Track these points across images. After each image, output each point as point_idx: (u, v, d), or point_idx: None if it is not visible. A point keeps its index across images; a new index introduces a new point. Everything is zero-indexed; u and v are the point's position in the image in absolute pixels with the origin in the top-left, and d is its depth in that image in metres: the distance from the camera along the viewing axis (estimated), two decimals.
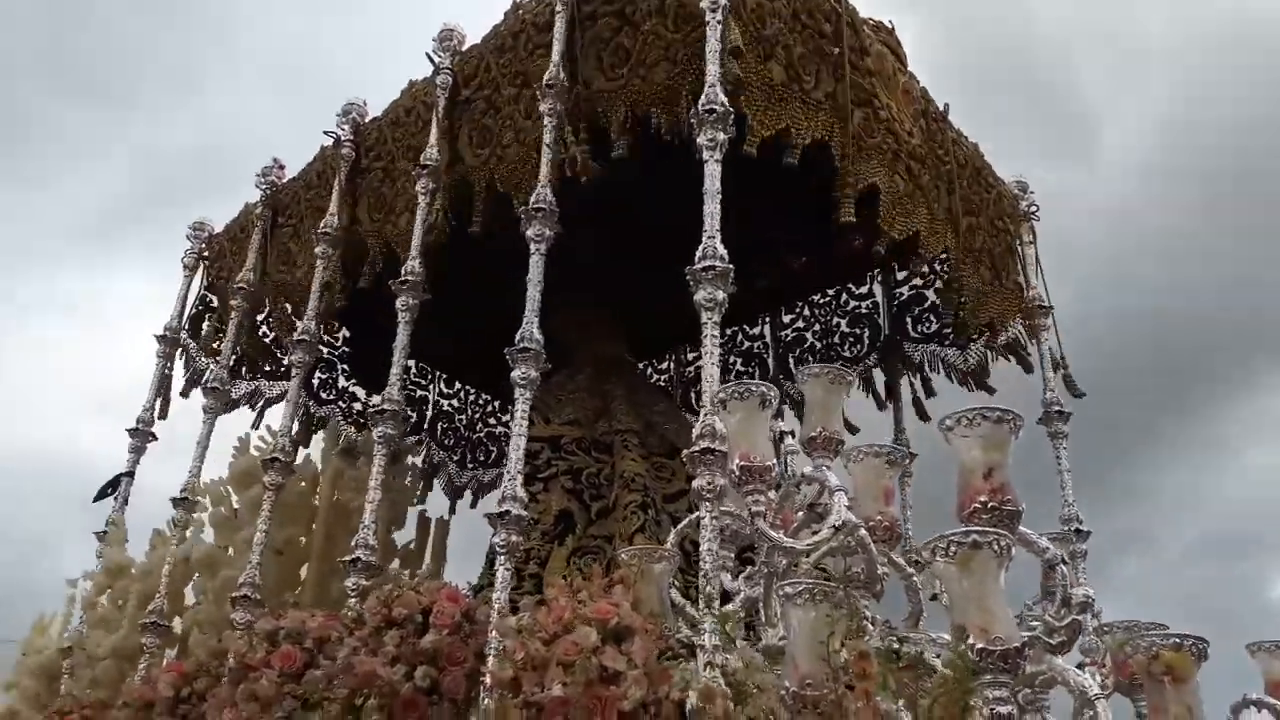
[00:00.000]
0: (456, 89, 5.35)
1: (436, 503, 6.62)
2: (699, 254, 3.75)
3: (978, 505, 2.69)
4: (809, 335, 6.94)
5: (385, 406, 4.56)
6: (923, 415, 6.41)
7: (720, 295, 3.66)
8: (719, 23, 4.16)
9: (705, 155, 3.96)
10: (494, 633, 3.36)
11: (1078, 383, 5.89)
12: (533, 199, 4.44)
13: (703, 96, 4.03)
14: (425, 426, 7.59)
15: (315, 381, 7.03)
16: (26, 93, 19.56)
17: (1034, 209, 6.17)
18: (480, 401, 7.90)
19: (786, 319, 7.06)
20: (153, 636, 4.77)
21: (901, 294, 6.55)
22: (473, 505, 7.29)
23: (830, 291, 6.85)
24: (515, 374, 4.07)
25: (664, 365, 7.64)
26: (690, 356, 7.46)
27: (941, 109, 5.68)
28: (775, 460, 3.13)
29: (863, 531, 3.03)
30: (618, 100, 4.62)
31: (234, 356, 6.18)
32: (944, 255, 5.45)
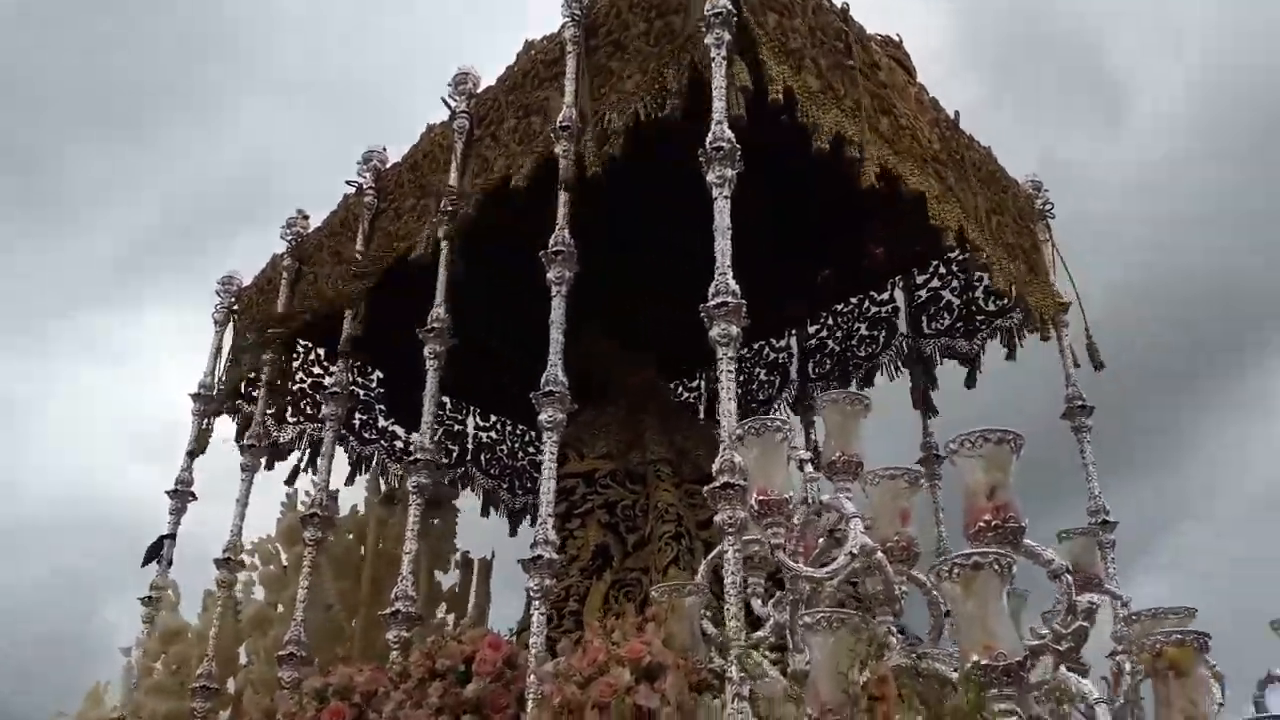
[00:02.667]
0: (472, 131, 5.62)
1: (484, 536, 6.85)
2: (711, 290, 3.91)
3: (982, 524, 2.86)
4: (830, 342, 7.16)
5: (418, 456, 4.79)
6: (929, 409, 6.60)
7: (735, 330, 3.83)
8: (724, 59, 4.30)
9: (714, 193, 4.10)
10: (533, 678, 3.57)
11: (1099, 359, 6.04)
12: (551, 242, 4.65)
13: (709, 134, 4.19)
14: (469, 458, 7.87)
15: (357, 423, 7.36)
16: (48, 130, 19.72)
17: (1049, 207, 6.35)
18: (517, 431, 8.16)
19: (812, 329, 7.27)
20: (202, 700, 5.01)
21: (920, 296, 6.75)
22: (512, 533, 7.57)
23: (854, 300, 7.05)
24: (542, 417, 4.28)
25: (695, 384, 7.85)
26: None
27: (952, 116, 5.89)
28: (794, 491, 3.32)
29: (879, 555, 3.21)
30: (599, 117, 4.80)
31: (271, 406, 6.54)
32: (975, 253, 5.58)
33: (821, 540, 3.48)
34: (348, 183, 6.20)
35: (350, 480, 6.99)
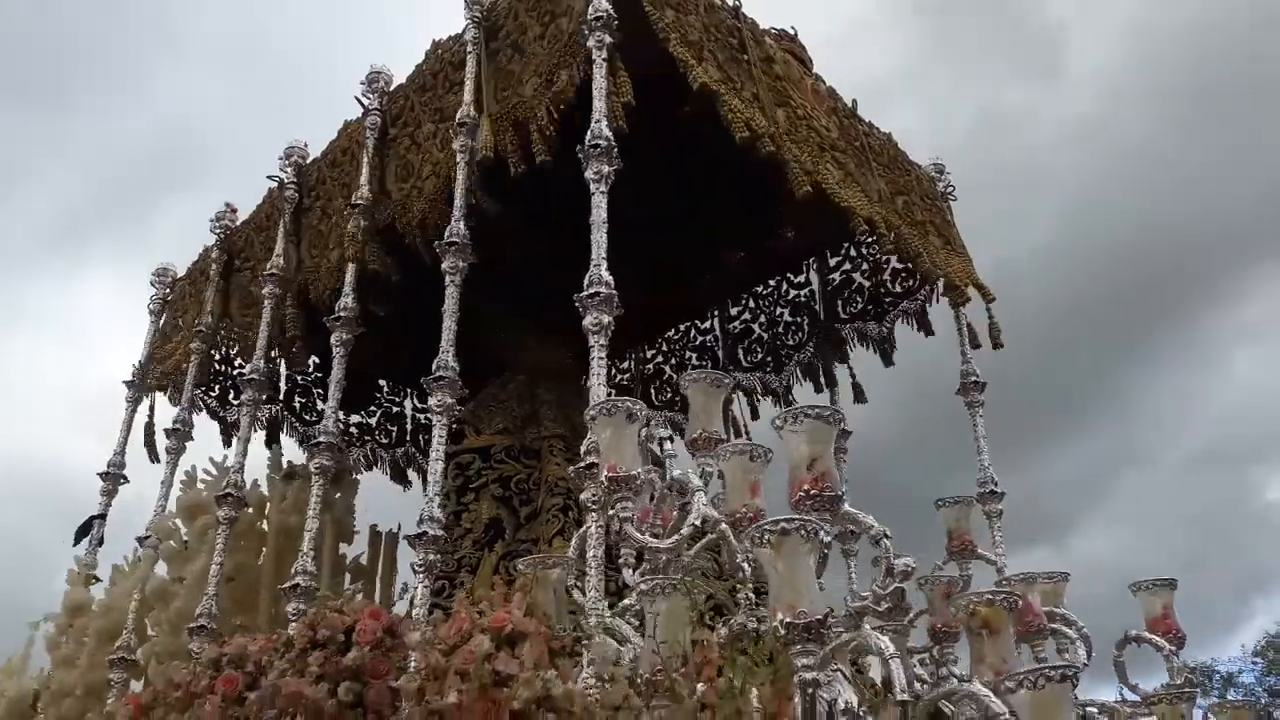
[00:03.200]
0: (385, 128, 5.71)
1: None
2: (586, 281, 4.03)
3: (802, 494, 2.99)
4: (755, 327, 7.29)
5: (320, 439, 4.89)
6: (860, 397, 6.77)
7: (606, 319, 3.96)
8: (604, 60, 4.47)
9: (593, 188, 4.25)
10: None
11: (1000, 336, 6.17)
12: (446, 233, 4.75)
13: (589, 132, 4.32)
14: (408, 439, 7.96)
15: (298, 405, 7.45)
16: None
17: (950, 189, 6.47)
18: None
19: (734, 311, 7.39)
20: (120, 670, 5.14)
21: (834, 280, 6.86)
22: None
23: (771, 282, 7.17)
24: (432, 401, 4.40)
25: (625, 365, 7.95)
26: (649, 354, 7.82)
27: (850, 104, 6.00)
28: (641, 468, 3.43)
29: (724, 525, 3.34)
30: (504, 120, 4.92)
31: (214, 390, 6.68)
32: (884, 235, 5.70)
33: (676, 513, 3.60)
34: (269, 178, 6.28)
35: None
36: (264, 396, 5.93)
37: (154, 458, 6.65)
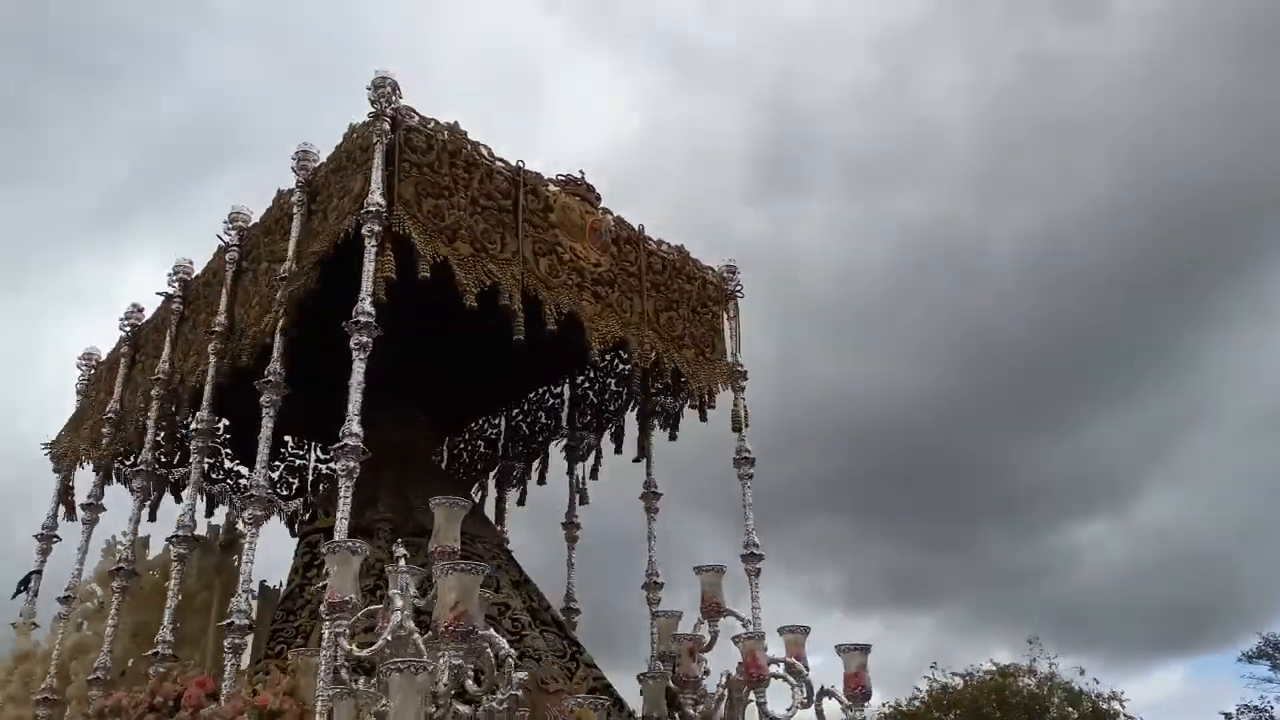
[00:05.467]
0: (240, 263, 7.06)
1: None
2: (340, 433, 5.43)
3: (445, 628, 4.45)
4: (590, 394, 8.71)
5: (179, 532, 6.38)
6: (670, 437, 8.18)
7: (353, 464, 5.36)
8: (374, 246, 5.75)
9: (354, 355, 5.59)
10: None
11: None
12: (265, 371, 6.13)
13: (355, 309, 5.65)
14: (308, 490, 9.44)
15: (205, 465, 8.89)
16: (10, 82, 20.70)
17: (739, 288, 7.81)
18: None
19: (578, 379, 8.82)
20: (45, 709, 6.74)
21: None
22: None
23: (607, 357, 8.56)
24: (245, 514, 5.85)
25: (496, 420, 9.39)
26: (514, 413, 9.24)
27: (637, 229, 7.32)
28: (356, 595, 4.88)
29: (415, 636, 4.81)
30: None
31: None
32: (636, 352, 7.09)
33: None
34: (158, 293, 7.72)
35: (210, 512, 8.60)
36: (151, 484, 7.43)
37: (71, 516, 8.13)
